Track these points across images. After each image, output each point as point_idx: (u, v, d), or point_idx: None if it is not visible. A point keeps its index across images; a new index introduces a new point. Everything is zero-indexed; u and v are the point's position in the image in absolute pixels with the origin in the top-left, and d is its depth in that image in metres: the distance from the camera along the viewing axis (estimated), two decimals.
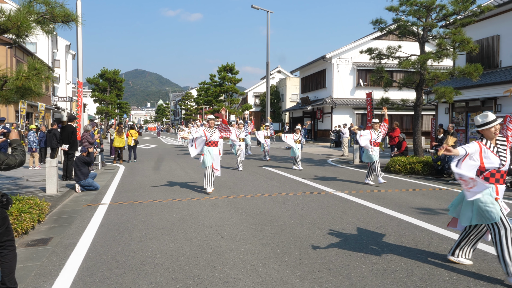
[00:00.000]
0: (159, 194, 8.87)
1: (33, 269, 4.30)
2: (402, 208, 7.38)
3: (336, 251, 4.84)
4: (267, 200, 8.07)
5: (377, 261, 4.51)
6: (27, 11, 5.59)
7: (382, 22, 13.68)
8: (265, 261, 4.49)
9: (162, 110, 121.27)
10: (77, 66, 14.01)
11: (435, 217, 6.65)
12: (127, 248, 4.97)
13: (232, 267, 4.31)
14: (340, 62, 32.19)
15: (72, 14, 6.24)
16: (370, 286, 3.80)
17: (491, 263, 4.42)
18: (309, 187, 9.87)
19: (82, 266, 4.37)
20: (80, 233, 5.68)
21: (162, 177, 11.63)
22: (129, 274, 4.13)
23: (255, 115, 52.10)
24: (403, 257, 4.64)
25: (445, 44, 12.36)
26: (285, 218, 6.55)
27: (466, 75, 12.36)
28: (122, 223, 6.23)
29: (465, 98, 18.95)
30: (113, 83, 44.21)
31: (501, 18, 18.36)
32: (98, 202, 7.92)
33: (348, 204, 7.75)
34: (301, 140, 13.95)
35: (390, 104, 14.45)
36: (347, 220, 6.44)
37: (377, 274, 4.12)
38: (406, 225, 6.14)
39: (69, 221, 6.47)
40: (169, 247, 5.00)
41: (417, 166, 12.55)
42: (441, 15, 13.25)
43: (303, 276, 4.05)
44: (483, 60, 19.25)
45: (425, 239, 5.36)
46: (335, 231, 5.74)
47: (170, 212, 6.99)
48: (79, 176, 9.24)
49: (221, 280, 3.97)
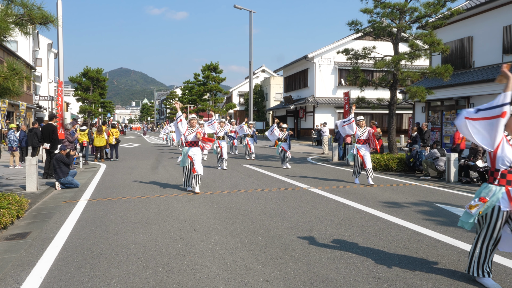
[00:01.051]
0: (138, 191, 9.11)
1: (11, 260, 4.52)
2: (370, 202, 7.78)
3: (300, 241, 5.17)
4: (242, 196, 8.38)
5: (336, 249, 4.86)
6: (5, 13, 5.78)
7: (358, 23, 14.12)
8: (232, 251, 4.80)
9: (147, 109, 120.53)
10: (58, 65, 14.10)
11: (398, 210, 7.05)
12: (102, 241, 5.22)
13: (201, 256, 4.60)
14: (322, 61, 32.69)
15: (50, 16, 6.44)
16: (326, 270, 4.15)
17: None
18: (285, 183, 10.22)
19: (58, 257, 4.61)
20: (58, 227, 5.91)
21: (142, 175, 11.84)
22: (103, 263, 4.39)
23: (239, 114, 52.33)
24: (361, 245, 5.00)
25: (416, 45, 12.84)
26: (257, 212, 6.87)
27: (437, 76, 12.87)
28: (99, 218, 6.47)
29: (440, 97, 19.59)
30: (96, 82, 43.93)
31: (473, 20, 19.01)
32: (77, 199, 8.12)
33: (319, 199, 8.11)
34: (286, 138, 13.79)
35: (366, 103, 14.92)
36: (315, 213, 6.79)
37: (334, 260, 4.47)
38: (370, 217, 6.52)
39: (48, 216, 6.67)
40: (143, 239, 5.27)
41: (391, 163, 13.02)
42: (414, 17, 13.74)
43: (265, 263, 4.38)
44: (457, 60, 19.93)
45: (384, 230, 5.74)
46: (302, 223, 6.09)
47: (147, 208, 7.25)
48: (59, 174, 9.41)
49: (189, 267, 4.26)
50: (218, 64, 42.50)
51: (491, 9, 18.04)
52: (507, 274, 4.10)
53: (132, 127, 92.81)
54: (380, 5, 13.36)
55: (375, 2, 13.53)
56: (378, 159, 13.35)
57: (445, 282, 3.84)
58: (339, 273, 4.07)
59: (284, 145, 13.75)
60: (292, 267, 4.24)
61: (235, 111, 53.03)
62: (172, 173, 12.44)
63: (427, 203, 7.74)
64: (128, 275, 4.04)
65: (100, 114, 50.89)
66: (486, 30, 18.33)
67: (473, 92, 17.57)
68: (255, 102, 48.45)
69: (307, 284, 3.81)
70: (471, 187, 9.98)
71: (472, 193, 9.03)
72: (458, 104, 19.00)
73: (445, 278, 3.95)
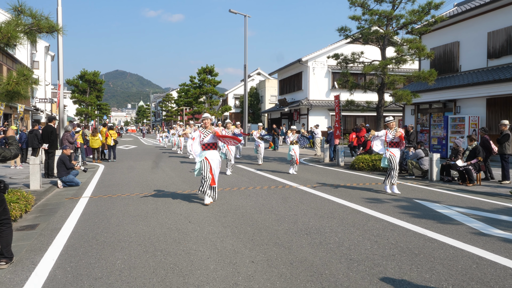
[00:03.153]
0: (136, 188, 9.63)
1: (24, 247, 5.04)
2: (353, 198, 8.35)
3: (284, 231, 5.73)
4: (235, 193, 8.92)
5: (316, 237, 5.42)
6: (16, 23, 6.30)
7: (347, 29, 14.73)
8: (223, 238, 5.34)
9: (143, 111, 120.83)
10: (58, 70, 14.58)
11: (378, 205, 7.63)
12: (105, 231, 5.75)
13: (195, 243, 5.14)
14: (316, 65, 33.33)
15: (55, 25, 6.97)
16: (305, 254, 4.70)
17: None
18: (276, 182, 10.77)
19: (67, 244, 5.14)
20: (64, 220, 6.43)
21: (140, 175, 12.36)
22: (107, 249, 4.92)
23: (235, 116, 52.87)
24: (339, 233, 5.56)
25: (402, 51, 13.46)
26: (248, 207, 7.42)
27: (422, 80, 13.49)
28: (101, 212, 6.99)
29: (428, 100, 20.27)
30: (93, 85, 44.41)
31: (460, 25, 19.72)
32: (79, 196, 8.63)
33: (307, 195, 8.67)
34: (297, 140, 13.07)
35: (355, 105, 15.52)
36: (301, 208, 7.35)
37: (313, 245, 5.02)
38: (351, 211, 7.09)
39: (53, 211, 7.19)
40: (142, 230, 5.80)
41: (378, 163, 13.60)
42: (400, 24, 14.37)
43: (252, 248, 4.92)
44: (445, 64, 20.64)
45: (362, 221, 6.30)
46: (288, 216, 6.64)
47: (145, 203, 7.78)
48: (61, 172, 9.92)
49: (184, 251, 4.80)
50: (214, 67, 43.10)
51: (476, 15, 18.75)
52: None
53: (128, 129, 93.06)
54: (368, 12, 13.98)
55: (363, 9, 14.15)
56: (366, 160, 13.94)
57: (407, 262, 4.41)
58: (316, 256, 4.63)
59: (296, 148, 12.95)
60: (275, 251, 4.79)
61: (231, 113, 53.57)
62: (168, 172, 12.96)
63: (407, 199, 8.33)
64: (130, 258, 4.57)
65: (97, 116, 51.30)
66: (472, 36, 19.03)
67: (459, 95, 18.24)
68: (251, 104, 49.03)
69: (287, 264, 4.36)
70: (451, 185, 10.57)
71: (451, 190, 9.62)
72: (446, 107, 19.67)
73: (408, 259, 4.51)
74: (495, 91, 16.27)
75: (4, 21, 6.39)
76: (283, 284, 3.81)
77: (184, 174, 12.61)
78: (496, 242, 5.17)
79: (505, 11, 17.21)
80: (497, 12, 17.64)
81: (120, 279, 3.95)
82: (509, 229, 5.85)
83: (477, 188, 9.93)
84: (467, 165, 10.58)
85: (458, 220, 6.42)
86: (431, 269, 4.22)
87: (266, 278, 3.96)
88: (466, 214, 6.90)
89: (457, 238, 5.37)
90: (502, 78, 15.42)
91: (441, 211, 7.07)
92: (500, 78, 15.53)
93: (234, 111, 54.01)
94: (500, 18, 17.43)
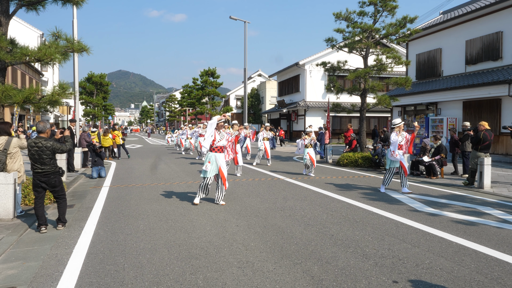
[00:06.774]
0: (147, 180, 11.39)
1: (69, 218, 6.78)
2: (328, 187, 10.07)
3: (264, 208, 7.45)
4: (230, 183, 10.64)
5: (288, 212, 7.14)
6: (55, 47, 8.05)
7: (333, 40, 16.43)
8: (217, 213, 7.09)
9: (146, 111, 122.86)
10: (74, 78, 16.34)
11: (346, 192, 9.34)
12: (128, 208, 7.50)
13: (196, 215, 6.89)
14: (313, 68, 35.01)
15: (85, 46, 8.71)
16: (276, 221, 6.42)
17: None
18: (266, 175, 12.51)
19: (101, 216, 6.89)
20: (93, 201, 8.19)
21: (149, 169, 14.12)
22: (131, 219, 6.67)
23: (236, 117, 54.63)
24: (306, 210, 7.28)
25: (381, 60, 15.17)
26: (239, 192, 9.16)
27: (399, 86, 15.19)
28: (122, 197, 8.75)
29: (413, 102, 21.99)
30: (99, 86, 46.29)
31: (442, 33, 21.39)
32: (101, 185, 10.40)
33: (290, 185, 10.40)
34: (312, 143, 12.78)
35: (341, 108, 17.24)
36: (282, 194, 9.09)
37: (284, 217, 6.75)
38: (321, 196, 8.81)
39: (82, 196, 8.95)
40: (156, 208, 7.55)
41: (360, 160, 15.31)
42: (381, 35, 16.07)
43: (238, 218, 6.66)
44: (429, 69, 22.34)
45: (327, 202, 8.03)
46: (270, 199, 8.38)
47: (156, 190, 9.53)
48: (92, 163, 11.95)
49: (188, 220, 6.54)
50: (216, 69, 44.88)
51: (457, 24, 20.42)
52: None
53: (132, 129, 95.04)
54: (351, 25, 15.68)
55: (348, 23, 15.85)
56: (350, 157, 15.65)
57: (347, 226, 6.13)
58: (283, 222, 6.36)
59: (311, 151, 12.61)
60: (255, 220, 6.53)
61: (232, 114, 55.32)
62: (173, 167, 14.72)
63: (372, 188, 10.04)
64: (149, 223, 6.32)
65: (103, 116, 53.19)
66: (452, 43, 20.71)
67: (440, 98, 19.93)
68: (252, 105, 50.77)
69: (262, 227, 6.09)
70: (418, 178, 12.26)
71: (416, 182, 11.32)
72: (428, 109, 21.38)
73: (349, 224, 6.23)
74: (470, 95, 17.97)
75: (44, 45, 8.13)
76: (256, 237, 5.54)
77: (187, 168, 14.36)
78: (421, 215, 6.88)
79: (481, 21, 18.87)
80: (474, 22, 19.31)
81: (144, 234, 5.70)
82: (440, 208, 7.55)
83: (438, 180, 11.62)
84: (431, 160, 12.28)
85: (404, 202, 8.13)
86: (363, 229, 5.95)
87: (245, 234, 5.70)
88: (414, 198, 8.60)
89: (394, 212, 7.08)
90: (475, 83, 17.12)
91: (395, 196, 8.79)
92: (473, 83, 17.23)
93: (235, 111, 55.77)
94: (477, 27, 19.11)
